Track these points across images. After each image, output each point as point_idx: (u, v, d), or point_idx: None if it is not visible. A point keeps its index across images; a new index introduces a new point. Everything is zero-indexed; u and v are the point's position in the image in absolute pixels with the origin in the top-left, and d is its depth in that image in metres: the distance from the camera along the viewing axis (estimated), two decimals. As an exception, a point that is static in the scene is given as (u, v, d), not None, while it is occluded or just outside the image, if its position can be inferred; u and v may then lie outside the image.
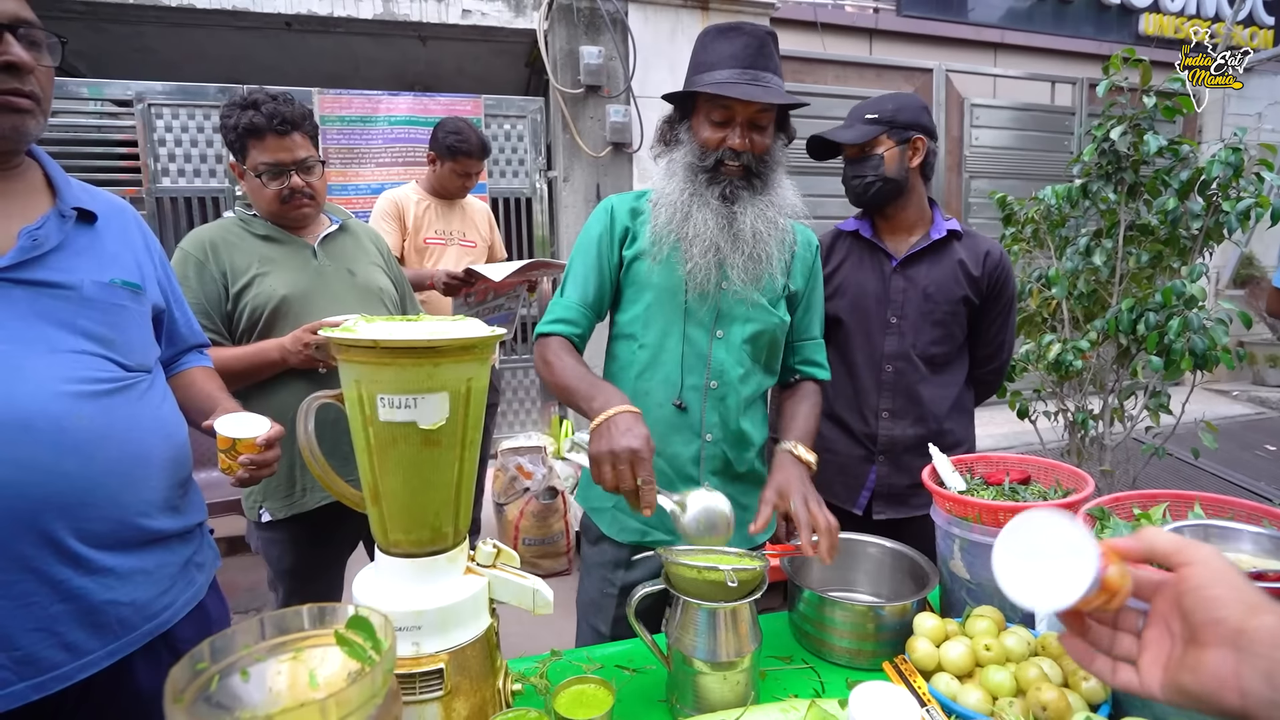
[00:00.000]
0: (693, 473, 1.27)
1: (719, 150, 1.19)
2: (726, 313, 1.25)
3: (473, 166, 2.55)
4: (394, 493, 0.80)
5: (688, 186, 1.21)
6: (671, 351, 1.25)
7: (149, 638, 0.97)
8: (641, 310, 1.27)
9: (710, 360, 1.25)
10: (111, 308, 0.98)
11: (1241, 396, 5.62)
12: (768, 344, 1.31)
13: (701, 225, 1.20)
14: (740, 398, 1.28)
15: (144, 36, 4.27)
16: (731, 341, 1.26)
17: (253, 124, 1.42)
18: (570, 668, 1.09)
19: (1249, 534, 0.89)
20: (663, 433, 1.25)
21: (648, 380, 1.27)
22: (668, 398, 1.26)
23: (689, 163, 1.22)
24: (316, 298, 1.49)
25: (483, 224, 2.75)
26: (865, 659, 1.07)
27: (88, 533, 0.90)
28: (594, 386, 1.11)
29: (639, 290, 1.27)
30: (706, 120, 1.20)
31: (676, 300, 1.25)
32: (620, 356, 1.32)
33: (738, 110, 1.17)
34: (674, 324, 1.25)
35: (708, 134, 1.20)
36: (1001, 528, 1.04)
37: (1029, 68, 5.31)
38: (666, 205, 1.23)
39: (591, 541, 1.37)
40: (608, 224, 1.28)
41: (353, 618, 0.62)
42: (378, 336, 0.73)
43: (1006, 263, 1.62)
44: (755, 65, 1.16)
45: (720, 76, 1.16)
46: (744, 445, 1.30)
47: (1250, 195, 1.93)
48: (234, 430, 1.14)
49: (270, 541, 1.55)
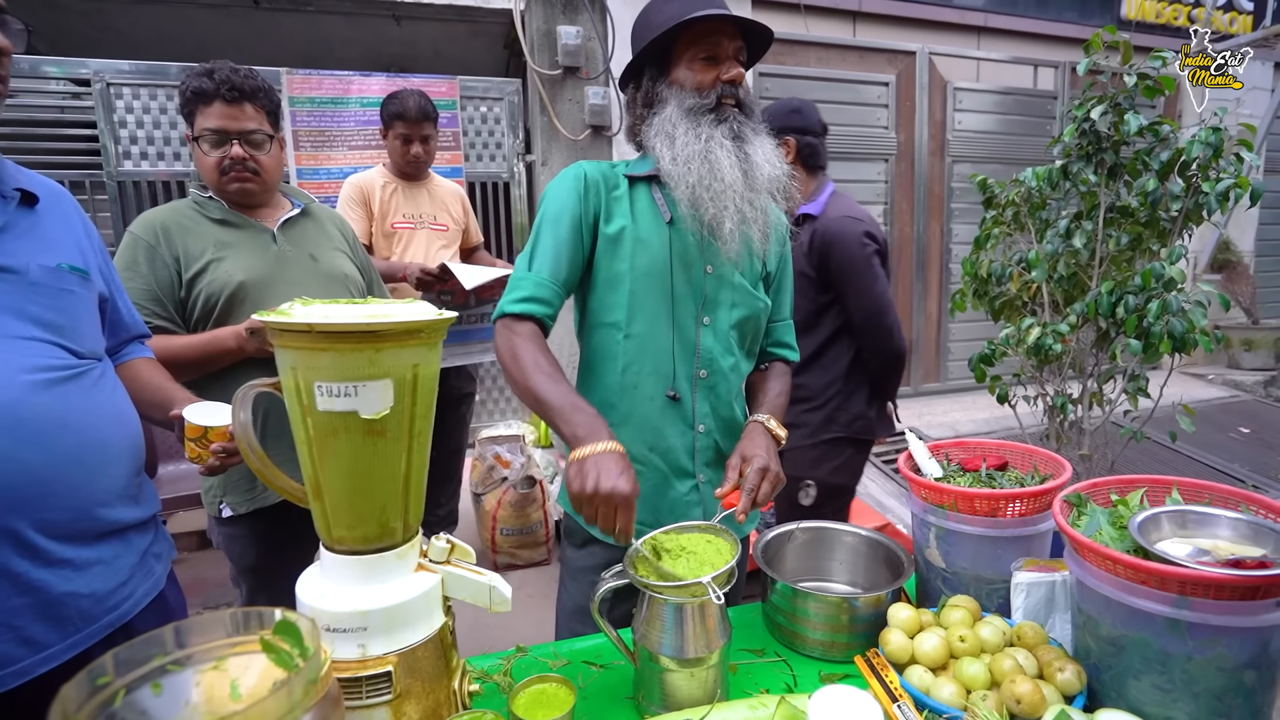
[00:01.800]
0: (687, 465, 1.22)
1: (716, 87, 1.14)
2: (712, 298, 1.20)
3: (414, 130, 2.40)
4: (336, 487, 0.75)
5: (701, 131, 1.12)
6: (661, 341, 1.18)
7: (110, 629, 0.94)
8: (624, 297, 1.17)
9: (699, 348, 1.20)
10: (60, 293, 0.94)
11: (1217, 380, 5.69)
12: (752, 330, 1.27)
13: (729, 174, 1.11)
14: (730, 385, 1.24)
15: (104, 14, 4.11)
16: (719, 328, 1.21)
17: (201, 88, 1.36)
18: (536, 664, 1.06)
19: (1226, 519, 0.87)
20: (655, 426, 1.19)
21: (636, 373, 1.18)
22: (659, 390, 1.19)
23: (688, 108, 1.14)
24: (276, 284, 1.42)
25: (455, 205, 2.64)
26: (839, 651, 1.05)
27: (47, 523, 0.86)
28: (575, 408, 1.01)
29: (617, 274, 1.17)
30: (695, 63, 1.14)
31: (662, 286, 1.17)
32: (602, 347, 1.21)
33: (724, 42, 1.13)
34: (661, 312, 1.17)
35: (701, 75, 1.14)
36: (980, 515, 1.03)
37: (1012, 51, 5.28)
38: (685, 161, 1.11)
39: (577, 545, 1.27)
40: (581, 193, 1.17)
41: (280, 623, 0.57)
42: (313, 320, 0.68)
43: (830, 237, 1.79)
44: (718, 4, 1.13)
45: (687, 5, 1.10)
46: (735, 433, 1.26)
47: (1230, 176, 1.91)
48: (204, 418, 1.12)
49: (232, 537, 1.49)
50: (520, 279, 1.15)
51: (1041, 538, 1.07)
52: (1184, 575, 0.75)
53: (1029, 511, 1.04)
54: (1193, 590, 0.75)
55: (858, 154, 4.89)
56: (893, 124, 4.94)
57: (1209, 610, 0.74)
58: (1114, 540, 0.86)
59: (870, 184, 4.97)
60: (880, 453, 4.08)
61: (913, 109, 4.99)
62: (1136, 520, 0.86)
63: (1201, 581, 0.74)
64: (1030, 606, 1.00)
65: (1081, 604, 0.88)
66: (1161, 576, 0.76)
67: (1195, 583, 0.74)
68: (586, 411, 1.01)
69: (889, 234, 5.06)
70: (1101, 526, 0.89)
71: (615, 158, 3.92)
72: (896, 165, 5.01)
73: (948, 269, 5.28)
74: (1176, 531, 0.88)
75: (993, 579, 1.06)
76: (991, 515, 1.04)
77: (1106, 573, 0.81)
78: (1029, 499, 1.03)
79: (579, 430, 0.99)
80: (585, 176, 1.18)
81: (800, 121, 1.84)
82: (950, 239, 5.27)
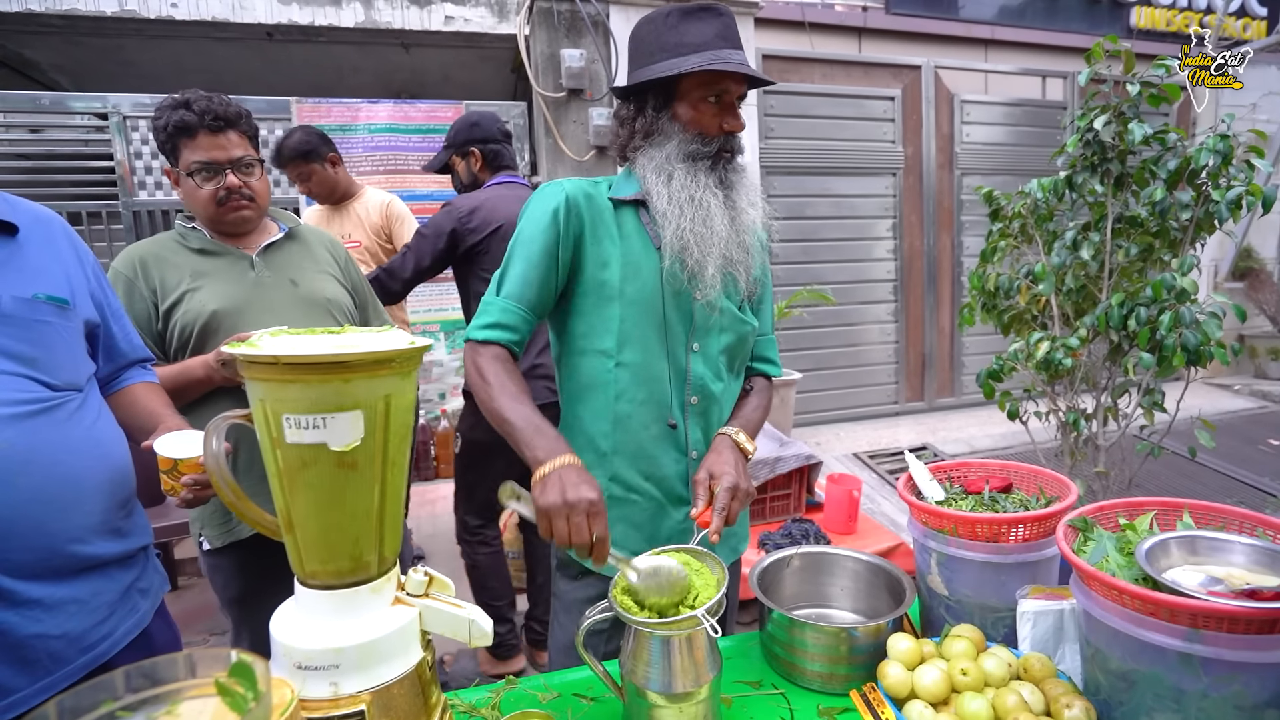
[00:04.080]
0: (683, 492, 1.19)
1: (719, 137, 1.13)
2: (702, 324, 1.17)
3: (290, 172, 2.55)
4: (308, 520, 0.74)
5: (697, 178, 1.11)
6: (657, 370, 1.15)
7: (85, 671, 0.91)
8: (614, 324, 1.13)
9: (690, 375, 1.17)
10: (34, 324, 0.93)
11: (1243, 391, 5.53)
12: (741, 353, 1.25)
13: (719, 224, 1.11)
14: (721, 410, 1.22)
15: (124, 50, 4.23)
16: (709, 354, 1.19)
17: (183, 121, 1.33)
18: (525, 697, 1.03)
19: (1241, 545, 0.82)
20: (650, 454, 1.17)
21: (630, 401, 1.15)
22: (652, 418, 1.16)
23: (690, 152, 1.12)
24: (251, 311, 1.40)
25: (373, 216, 2.67)
26: (839, 683, 1.00)
27: (11, 563, 0.84)
28: (538, 431, 1.00)
29: (603, 300, 1.14)
30: (702, 105, 1.12)
31: (654, 313, 1.14)
32: (589, 375, 1.17)
33: (731, 90, 1.12)
34: (653, 339, 1.14)
35: (707, 119, 1.12)
36: (982, 540, 0.99)
37: (1020, 63, 5.26)
38: (679, 206, 1.10)
39: (572, 577, 1.23)
40: (563, 216, 1.12)
41: (234, 665, 0.55)
42: (279, 351, 0.67)
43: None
44: (735, 45, 1.11)
45: (709, 58, 1.08)
46: None
47: (1241, 183, 1.86)
48: (174, 450, 1.09)
49: (215, 569, 1.47)
50: (488, 304, 1.12)
51: (1048, 563, 1.02)
52: (1195, 607, 0.70)
53: (1033, 536, 1.00)
54: (1205, 623, 0.70)
55: (865, 169, 4.87)
56: (899, 138, 4.92)
57: (1223, 644, 0.70)
58: (1121, 568, 0.82)
59: (878, 198, 4.95)
60: (894, 470, 4.01)
61: (919, 123, 4.97)
62: (1144, 547, 0.81)
63: (1214, 614, 0.70)
64: (1038, 636, 0.95)
65: (1089, 636, 0.83)
66: (1171, 608, 0.72)
67: (1208, 615, 0.70)
68: (547, 434, 1.00)
69: (898, 248, 5.02)
70: (1108, 553, 0.85)
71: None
72: (904, 179, 4.98)
73: (959, 282, 5.22)
74: (1187, 559, 0.83)
75: (998, 607, 1.01)
76: (994, 540, 1.00)
77: (1113, 603, 0.77)
78: (1033, 523, 0.99)
79: (539, 453, 0.97)
80: (566, 199, 1.13)
81: (481, 134, 2.23)
82: (961, 252, 5.21)
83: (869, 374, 5.07)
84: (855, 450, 4.38)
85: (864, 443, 4.54)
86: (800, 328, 4.67)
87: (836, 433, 4.78)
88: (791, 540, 2.54)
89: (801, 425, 4.72)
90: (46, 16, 3.48)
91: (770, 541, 2.56)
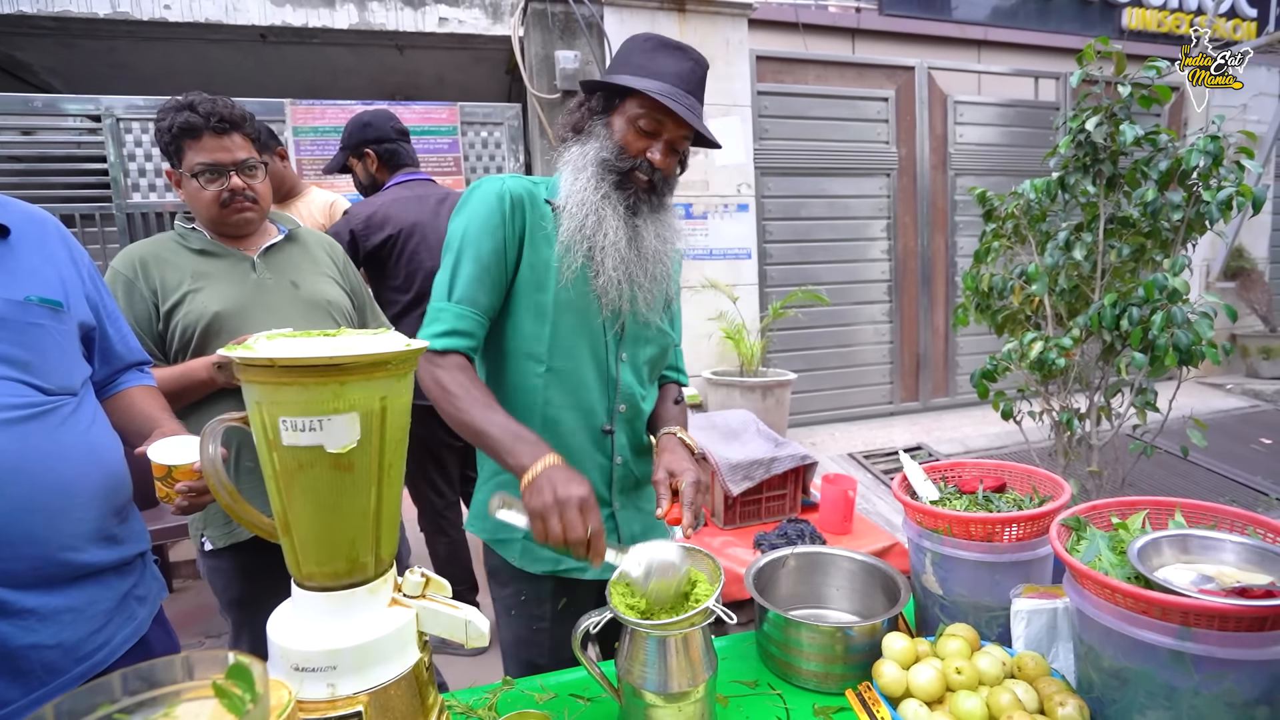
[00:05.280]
0: (605, 495, 1.22)
1: (636, 159, 1.11)
2: (632, 334, 1.19)
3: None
4: (304, 522, 0.74)
5: (599, 185, 1.11)
6: (585, 376, 1.15)
7: (81, 681, 0.90)
8: (546, 329, 1.12)
9: (619, 384, 1.19)
10: (27, 327, 0.91)
11: (1235, 390, 5.57)
12: (661, 363, 1.28)
13: (613, 234, 1.10)
14: (643, 417, 1.25)
15: (117, 51, 4.22)
16: (635, 363, 1.21)
17: (189, 123, 1.34)
18: (522, 698, 1.03)
19: (1232, 544, 0.83)
20: (575, 460, 1.15)
21: (558, 408, 1.15)
22: (580, 424, 1.17)
23: (602, 159, 1.11)
24: (253, 313, 1.40)
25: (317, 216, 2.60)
26: (835, 682, 1.01)
27: (3, 573, 0.83)
28: (518, 438, 0.99)
29: (539, 303, 1.12)
30: (632, 124, 1.10)
31: (589, 321, 1.14)
32: (516, 379, 1.16)
33: (668, 127, 1.10)
34: (585, 346, 1.15)
35: (630, 138, 1.10)
36: (976, 540, 1.00)
37: (1013, 64, 5.28)
38: (578, 205, 1.10)
39: (503, 584, 1.24)
40: (507, 214, 1.10)
41: (232, 666, 0.55)
42: (275, 354, 0.67)
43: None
44: (694, 92, 1.11)
45: (661, 89, 1.07)
46: (645, 457, 1.27)
47: (1231, 184, 1.88)
48: (168, 456, 1.07)
49: (214, 570, 1.47)
50: (441, 309, 1.09)
51: (1041, 563, 1.03)
52: (1186, 605, 0.71)
53: (1027, 536, 1.00)
54: (1196, 621, 0.71)
55: (858, 169, 4.89)
56: (893, 139, 4.94)
57: (1214, 642, 0.71)
58: (1114, 567, 0.83)
59: (872, 199, 4.96)
60: (889, 470, 4.02)
61: (913, 124, 4.99)
62: (1135, 546, 0.82)
63: (1205, 612, 0.71)
64: (1032, 635, 0.96)
65: (1082, 634, 0.84)
66: (1163, 606, 0.73)
67: (1199, 613, 0.71)
68: (528, 439, 1.00)
69: (892, 249, 5.04)
70: (1101, 552, 0.85)
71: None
72: (899, 180, 4.99)
73: (953, 282, 5.24)
74: (1179, 557, 0.84)
75: (992, 606, 1.02)
76: (988, 540, 1.00)
77: (1106, 601, 0.78)
78: (1026, 523, 1.00)
79: (524, 459, 0.96)
80: (509, 195, 1.11)
81: (374, 134, 2.21)
82: (955, 252, 5.23)
83: (864, 374, 5.08)
84: (850, 450, 4.40)
85: (859, 443, 4.55)
86: (795, 328, 4.68)
87: (832, 433, 4.79)
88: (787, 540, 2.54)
89: (796, 425, 4.73)
90: (39, 18, 3.47)
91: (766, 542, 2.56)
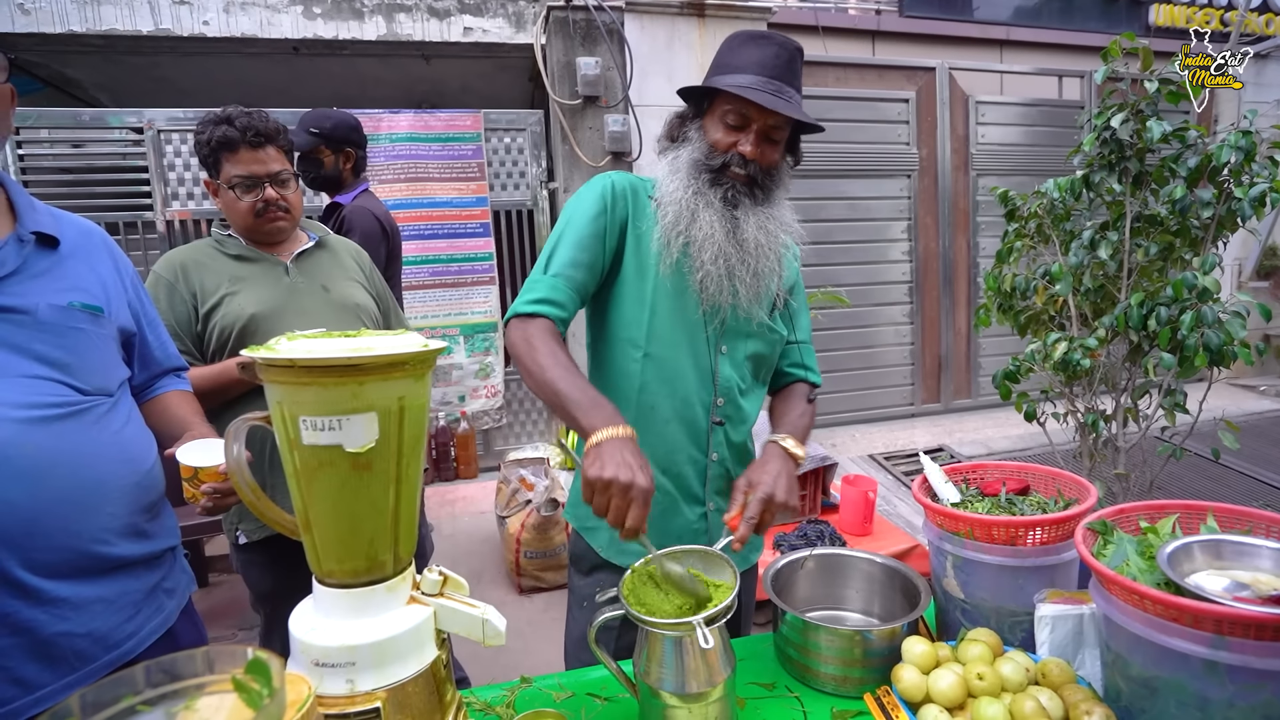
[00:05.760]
0: (698, 491, 1.21)
1: (727, 154, 1.12)
2: (733, 328, 1.19)
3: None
4: (324, 520, 0.75)
5: (691, 184, 1.13)
6: (683, 365, 1.16)
7: (110, 669, 0.93)
8: (646, 315, 1.15)
9: (717, 377, 1.19)
10: (68, 331, 0.96)
11: (1269, 391, 5.41)
12: (767, 363, 1.26)
13: (709, 227, 1.12)
14: (744, 414, 1.23)
15: (160, 66, 4.34)
16: (735, 358, 1.20)
17: (226, 137, 1.41)
18: (540, 696, 1.03)
19: (1268, 550, 0.81)
20: (669, 450, 1.18)
21: (653, 394, 1.16)
22: (674, 414, 1.17)
23: (694, 160, 1.14)
24: (287, 315, 1.46)
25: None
26: (853, 686, 1.00)
27: (37, 562, 0.87)
28: (594, 401, 0.98)
29: (640, 291, 1.16)
30: (721, 122, 1.13)
31: (688, 311, 1.16)
32: (616, 364, 1.19)
33: (754, 117, 1.11)
34: (683, 336, 1.16)
35: (719, 135, 1.13)
36: (999, 543, 0.98)
37: (1036, 63, 5.20)
38: (673, 204, 1.13)
39: (584, 572, 1.25)
40: (609, 201, 1.15)
41: (251, 661, 0.56)
42: (295, 355, 0.68)
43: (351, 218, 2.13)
44: (781, 77, 1.10)
45: (744, 80, 1.09)
46: (746, 461, 1.24)
47: (1264, 180, 1.83)
48: (194, 458, 1.11)
49: (249, 563, 1.51)
50: (535, 281, 1.12)
51: (1066, 567, 1.01)
52: (1220, 613, 0.69)
53: (1051, 540, 0.98)
54: (1230, 630, 0.69)
55: (879, 171, 4.84)
56: (914, 140, 4.89)
57: (1250, 652, 0.68)
58: (1142, 573, 0.81)
59: (893, 200, 4.91)
60: (910, 471, 3.97)
61: (934, 124, 4.93)
62: (1166, 551, 0.80)
63: (1240, 620, 0.68)
64: (1056, 641, 0.94)
65: (1110, 641, 0.82)
66: (1195, 614, 0.70)
67: (1233, 621, 0.69)
68: (605, 408, 0.98)
69: (913, 249, 4.99)
70: (1129, 557, 0.83)
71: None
72: (920, 181, 4.94)
73: (975, 283, 5.16)
74: (1211, 563, 0.81)
75: (1015, 610, 1.00)
76: (1011, 543, 0.98)
77: (1135, 608, 0.76)
78: (1050, 526, 0.98)
79: (595, 423, 0.95)
80: (614, 186, 1.17)
81: (360, 138, 2.30)
82: (977, 253, 5.16)
83: (885, 375, 5.03)
84: (871, 452, 4.35)
85: (880, 444, 4.50)
86: (816, 329, 4.62)
87: (852, 434, 4.75)
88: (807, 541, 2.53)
89: (817, 427, 4.65)
90: (88, 36, 3.59)
91: (785, 542, 2.55)
